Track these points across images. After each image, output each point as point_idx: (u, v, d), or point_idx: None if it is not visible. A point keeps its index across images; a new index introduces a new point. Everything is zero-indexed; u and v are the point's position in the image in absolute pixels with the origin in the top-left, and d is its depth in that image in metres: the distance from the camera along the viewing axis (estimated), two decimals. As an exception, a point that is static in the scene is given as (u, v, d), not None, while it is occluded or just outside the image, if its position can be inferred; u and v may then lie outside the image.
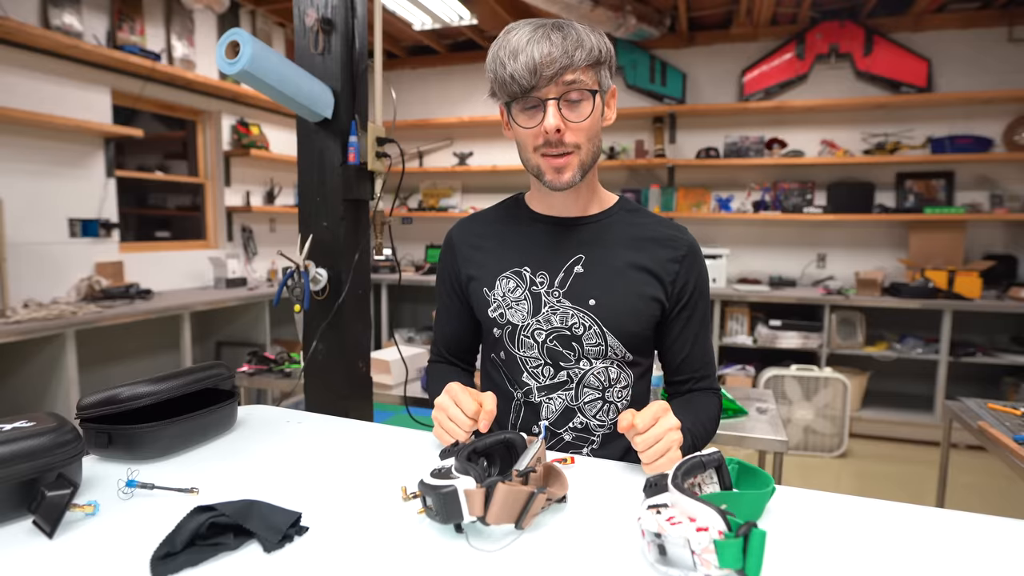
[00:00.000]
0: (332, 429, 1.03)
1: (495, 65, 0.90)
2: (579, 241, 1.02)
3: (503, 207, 1.12)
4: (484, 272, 1.05)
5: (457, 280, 1.10)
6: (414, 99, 4.93)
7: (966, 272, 3.45)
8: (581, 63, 0.88)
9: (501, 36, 0.91)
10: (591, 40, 0.90)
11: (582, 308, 0.99)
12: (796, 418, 3.28)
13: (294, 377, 2.08)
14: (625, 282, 0.99)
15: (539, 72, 0.86)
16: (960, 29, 3.68)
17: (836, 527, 0.68)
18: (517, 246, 1.04)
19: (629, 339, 0.99)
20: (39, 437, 0.69)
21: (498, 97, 0.95)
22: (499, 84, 0.91)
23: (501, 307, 1.03)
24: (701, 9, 3.85)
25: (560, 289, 0.99)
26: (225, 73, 1.27)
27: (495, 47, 0.91)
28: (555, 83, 0.88)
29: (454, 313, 1.13)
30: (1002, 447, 1.41)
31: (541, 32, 0.87)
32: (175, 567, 0.58)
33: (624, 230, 1.03)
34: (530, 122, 0.91)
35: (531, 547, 0.63)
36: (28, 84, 2.81)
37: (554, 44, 0.86)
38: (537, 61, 0.86)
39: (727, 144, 4.11)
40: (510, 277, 1.02)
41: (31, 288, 2.83)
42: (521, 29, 0.89)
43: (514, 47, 0.87)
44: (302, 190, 1.59)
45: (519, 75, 0.87)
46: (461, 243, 1.10)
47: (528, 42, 0.87)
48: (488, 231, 1.09)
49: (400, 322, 5.08)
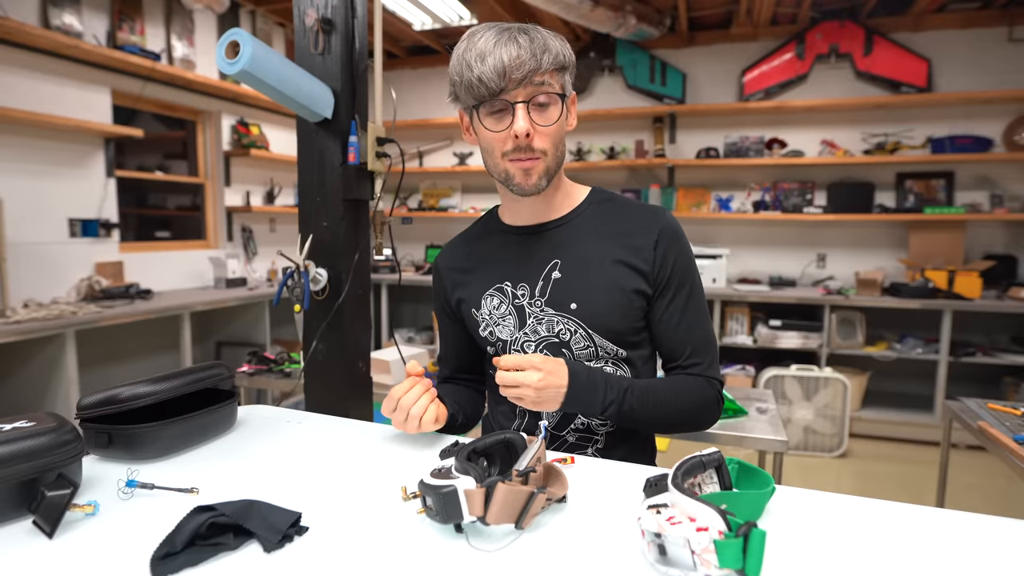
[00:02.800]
0: (332, 429, 1.03)
1: (461, 68, 0.89)
2: (552, 246, 1.01)
3: (479, 225, 1.13)
4: (470, 293, 1.06)
5: (448, 305, 1.11)
6: (414, 99, 4.93)
7: (966, 272, 3.45)
8: (548, 67, 0.88)
9: (465, 39, 0.90)
10: (556, 45, 0.90)
11: (565, 314, 0.98)
12: (796, 418, 3.28)
13: (294, 377, 2.08)
14: (604, 280, 0.97)
15: (508, 75, 0.86)
16: (960, 29, 3.68)
17: (836, 527, 0.68)
18: (495, 262, 1.05)
19: (616, 337, 0.98)
20: (39, 437, 0.69)
21: (462, 101, 0.93)
22: (465, 87, 0.89)
23: (489, 325, 1.03)
24: (701, 9, 3.85)
25: (542, 298, 0.99)
26: (225, 73, 1.27)
27: (459, 50, 0.90)
28: (523, 86, 0.87)
29: (453, 335, 1.15)
30: (1002, 447, 1.41)
31: (507, 35, 0.87)
32: (175, 567, 0.58)
33: (596, 226, 1.01)
34: (498, 126, 0.90)
35: (531, 547, 0.63)
36: (28, 84, 2.81)
37: (522, 47, 0.86)
38: (506, 63, 0.85)
39: (727, 144, 4.11)
40: (493, 294, 1.03)
41: (31, 288, 2.83)
42: (486, 32, 0.88)
43: (481, 50, 0.86)
44: (302, 190, 1.59)
45: (487, 77, 0.86)
46: (446, 268, 1.11)
47: (495, 45, 0.86)
48: (469, 252, 1.10)
49: (400, 322, 5.08)
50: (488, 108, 0.90)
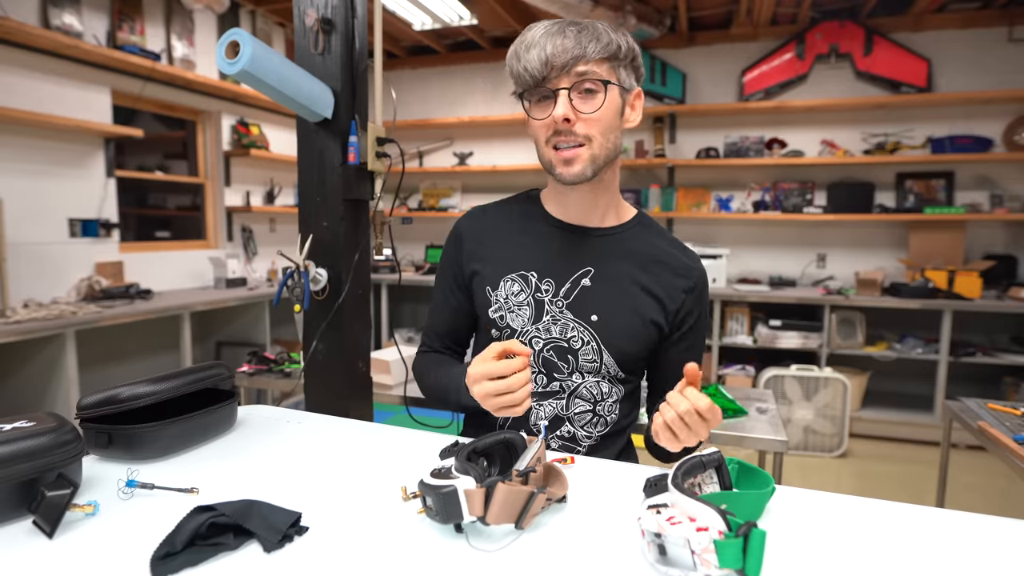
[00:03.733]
0: (332, 429, 1.03)
1: (512, 60, 0.92)
2: (591, 253, 1.00)
3: (516, 203, 1.09)
4: (489, 270, 1.03)
5: (461, 273, 1.07)
6: (414, 99, 4.93)
7: (966, 272, 3.45)
8: (595, 55, 0.89)
9: (521, 34, 0.93)
10: (609, 36, 0.91)
11: (583, 322, 0.97)
12: (796, 418, 3.28)
13: (294, 377, 2.08)
14: (630, 303, 0.98)
15: (550, 63, 0.88)
16: (960, 29, 3.68)
17: (836, 527, 0.68)
18: (526, 248, 1.02)
19: (624, 359, 0.99)
20: (39, 437, 0.69)
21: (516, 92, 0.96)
22: (515, 77, 0.92)
23: (502, 309, 1.02)
24: (701, 9, 3.85)
25: (565, 299, 0.98)
26: (225, 73, 1.27)
27: (514, 44, 0.93)
28: (567, 74, 0.89)
29: (452, 306, 1.10)
30: (1002, 447, 1.41)
31: (558, 27, 0.89)
32: (175, 567, 0.58)
33: (638, 248, 1.02)
34: (542, 113, 0.92)
35: (531, 547, 0.63)
36: (28, 84, 2.81)
37: (568, 37, 0.88)
38: (549, 53, 0.87)
39: (727, 144, 4.11)
40: (515, 280, 1.01)
41: (31, 288, 2.83)
42: (540, 25, 0.91)
43: (529, 41, 0.89)
44: (302, 190, 1.59)
45: (531, 67, 0.88)
46: (469, 237, 1.07)
47: (543, 36, 0.89)
48: (498, 227, 1.06)
49: (400, 322, 5.08)
50: (534, 96, 0.92)
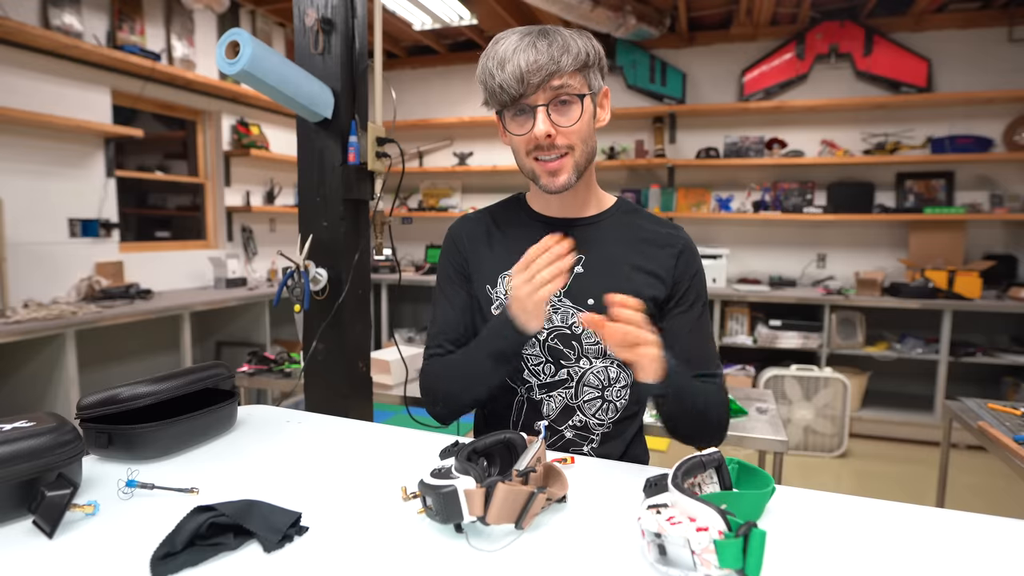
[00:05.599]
0: (332, 429, 1.03)
1: (484, 76, 0.92)
2: (579, 242, 1.01)
3: (503, 206, 1.13)
4: (487, 268, 1.06)
5: (465, 268, 1.09)
6: (414, 99, 4.93)
7: (966, 272, 3.45)
8: (568, 68, 0.89)
9: (489, 47, 0.93)
10: (577, 44, 0.91)
11: (581, 308, 1.00)
12: (796, 418, 3.28)
13: (294, 377, 2.08)
14: (624, 284, 0.99)
15: (526, 80, 0.88)
16: (960, 29, 3.68)
17: (836, 527, 0.68)
18: (518, 243, 1.03)
19: None
20: (39, 437, 0.69)
21: (491, 106, 0.96)
22: (490, 94, 0.93)
23: (503, 305, 1.02)
24: (701, 9, 3.85)
25: (561, 288, 1.00)
26: (225, 73, 1.27)
27: (484, 58, 0.93)
28: (543, 89, 0.89)
29: (461, 303, 1.09)
30: (1002, 447, 1.41)
31: (527, 40, 0.89)
32: (175, 567, 0.58)
33: (622, 232, 1.04)
34: (521, 129, 0.93)
35: (531, 547, 0.63)
36: (28, 84, 2.81)
37: (540, 51, 0.88)
38: (524, 69, 0.87)
39: (727, 144, 4.11)
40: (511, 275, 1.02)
41: (31, 288, 2.83)
42: (508, 39, 0.91)
43: (501, 57, 0.89)
44: (302, 190, 1.59)
45: (507, 84, 0.89)
46: (463, 237, 1.10)
47: (515, 51, 0.88)
48: (489, 229, 1.09)
49: (400, 322, 5.08)
50: (511, 112, 0.93)
